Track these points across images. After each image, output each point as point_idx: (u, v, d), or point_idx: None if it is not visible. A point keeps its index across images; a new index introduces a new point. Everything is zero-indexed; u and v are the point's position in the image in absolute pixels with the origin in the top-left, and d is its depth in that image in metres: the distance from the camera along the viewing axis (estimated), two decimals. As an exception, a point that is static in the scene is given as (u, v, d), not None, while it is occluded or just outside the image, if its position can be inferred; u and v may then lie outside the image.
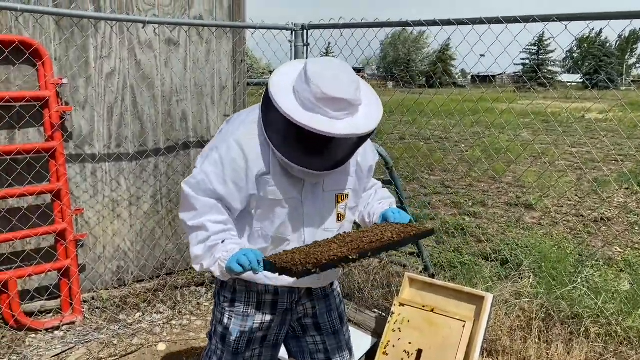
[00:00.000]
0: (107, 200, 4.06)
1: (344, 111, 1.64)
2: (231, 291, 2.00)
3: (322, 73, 1.65)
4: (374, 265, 4.20)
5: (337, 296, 2.18)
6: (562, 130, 10.80)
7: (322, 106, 1.62)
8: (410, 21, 3.43)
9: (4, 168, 3.47)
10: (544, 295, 3.54)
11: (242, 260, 1.62)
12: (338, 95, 1.62)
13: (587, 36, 73.22)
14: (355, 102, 1.65)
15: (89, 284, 4.04)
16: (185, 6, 4.22)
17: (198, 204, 1.78)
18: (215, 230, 1.77)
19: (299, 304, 2.06)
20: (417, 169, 9.17)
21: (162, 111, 4.22)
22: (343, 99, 1.62)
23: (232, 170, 1.77)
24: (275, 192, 1.80)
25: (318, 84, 1.62)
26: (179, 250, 4.46)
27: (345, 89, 1.63)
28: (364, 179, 2.00)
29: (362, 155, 1.94)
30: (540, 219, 6.58)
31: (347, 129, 1.63)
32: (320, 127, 1.61)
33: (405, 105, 4.91)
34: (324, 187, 1.86)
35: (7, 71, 3.48)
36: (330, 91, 1.61)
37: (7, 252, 3.59)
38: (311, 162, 1.72)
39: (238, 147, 1.77)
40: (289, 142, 1.71)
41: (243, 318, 1.99)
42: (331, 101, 1.62)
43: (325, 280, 2.03)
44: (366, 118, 1.68)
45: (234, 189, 1.78)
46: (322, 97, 1.62)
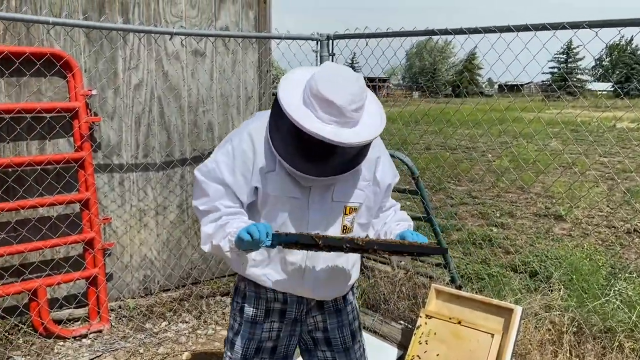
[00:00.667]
0: (135, 209, 4.11)
1: (332, 117, 1.61)
2: (242, 296, 2.01)
3: (328, 74, 1.65)
4: (399, 277, 4.15)
5: (350, 312, 2.13)
6: (592, 140, 10.55)
7: (313, 103, 1.62)
8: (437, 30, 3.40)
9: (34, 178, 3.54)
10: (575, 308, 3.44)
11: (252, 229, 1.62)
12: (330, 97, 1.59)
13: (617, 44, 71.90)
14: (345, 112, 1.61)
15: (116, 293, 4.08)
16: (211, 18, 4.27)
17: (210, 190, 1.82)
18: (227, 211, 1.81)
19: (309, 315, 2.03)
20: (444, 179, 9.07)
21: (188, 121, 4.26)
22: (334, 104, 1.59)
23: (242, 162, 1.80)
24: (276, 188, 1.80)
25: (317, 82, 1.62)
26: (204, 259, 4.48)
27: (341, 96, 1.60)
28: (380, 196, 1.96)
29: (381, 171, 1.92)
30: (571, 230, 6.44)
31: (325, 132, 1.58)
32: (298, 118, 1.59)
33: (431, 115, 4.87)
34: (333, 197, 1.84)
35: (39, 83, 3.56)
36: (324, 91, 1.60)
37: (37, 260, 3.66)
38: (300, 163, 1.71)
39: (249, 139, 1.80)
40: (283, 135, 1.71)
41: (252, 325, 1.99)
42: (323, 102, 1.60)
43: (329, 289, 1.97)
44: (354, 133, 1.63)
45: (241, 180, 1.81)
46: (315, 94, 1.61)
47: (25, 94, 3.54)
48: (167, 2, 4.03)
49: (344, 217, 1.86)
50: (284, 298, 1.97)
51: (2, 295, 3.34)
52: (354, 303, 2.16)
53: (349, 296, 2.12)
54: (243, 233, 1.64)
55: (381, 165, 1.90)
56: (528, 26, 2.88)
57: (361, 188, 1.87)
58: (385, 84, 46.98)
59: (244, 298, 2.01)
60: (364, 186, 1.88)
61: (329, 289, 1.97)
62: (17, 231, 3.55)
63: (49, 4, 3.56)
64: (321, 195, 1.82)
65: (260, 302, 1.98)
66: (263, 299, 1.98)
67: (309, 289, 1.91)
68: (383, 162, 1.92)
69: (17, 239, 3.54)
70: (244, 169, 1.80)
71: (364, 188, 1.88)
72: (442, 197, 8.25)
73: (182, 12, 4.12)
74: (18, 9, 3.44)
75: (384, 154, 1.95)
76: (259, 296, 1.98)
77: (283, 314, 1.99)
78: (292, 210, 1.82)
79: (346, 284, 2.02)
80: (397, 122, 6.35)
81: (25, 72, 3.46)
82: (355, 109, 1.63)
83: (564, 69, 65.69)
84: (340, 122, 1.62)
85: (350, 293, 2.13)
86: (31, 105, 3.40)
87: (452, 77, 67.96)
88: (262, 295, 1.97)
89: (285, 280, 1.90)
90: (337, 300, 2.07)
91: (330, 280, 1.94)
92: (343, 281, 2.00)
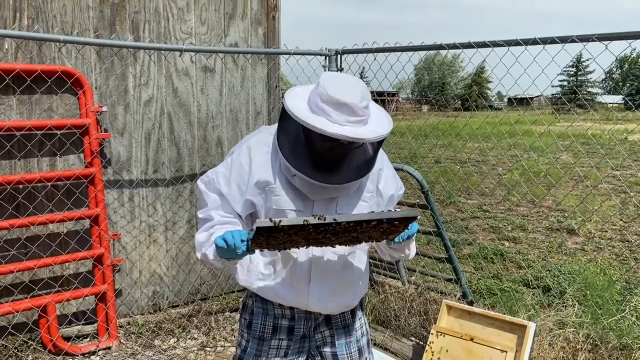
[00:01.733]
0: (144, 225, 4.11)
1: (347, 116, 1.63)
2: (249, 312, 2.01)
3: (333, 79, 1.69)
4: (410, 292, 4.10)
5: (359, 328, 2.10)
6: (604, 153, 10.46)
7: (326, 109, 1.64)
8: (445, 44, 3.40)
9: (44, 194, 3.56)
10: (590, 325, 3.38)
11: (227, 236, 1.63)
12: (342, 99, 1.62)
13: (628, 56, 71.62)
14: (358, 111, 1.64)
15: (125, 309, 4.07)
16: (221, 34, 4.30)
17: (209, 200, 1.87)
18: (220, 220, 1.84)
19: (317, 331, 2.01)
20: (454, 192, 9.02)
21: (198, 137, 4.28)
22: (347, 104, 1.62)
23: (238, 174, 1.83)
24: (279, 202, 1.80)
25: (325, 87, 1.65)
26: (213, 275, 4.47)
27: (351, 96, 1.64)
28: (382, 207, 1.95)
29: (383, 183, 1.93)
30: (584, 244, 6.35)
31: (344, 131, 1.61)
32: (315, 124, 1.61)
33: (440, 128, 4.85)
34: (337, 209, 1.83)
35: (50, 100, 3.59)
36: (335, 94, 1.63)
37: (46, 276, 3.66)
38: (314, 172, 1.72)
39: (247, 152, 1.84)
40: (294, 146, 1.72)
41: (259, 342, 1.97)
42: (335, 105, 1.63)
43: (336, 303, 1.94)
44: (370, 131, 1.67)
45: (236, 192, 1.84)
46: (326, 99, 1.64)
47: (36, 111, 3.57)
48: (177, 20, 4.07)
49: None
50: (291, 314, 1.95)
51: (11, 311, 3.34)
52: (363, 319, 2.13)
53: (358, 312, 2.10)
54: (219, 240, 1.65)
55: (384, 177, 1.92)
56: (537, 40, 2.86)
57: (365, 200, 1.87)
58: (395, 98, 47.06)
59: (252, 314, 1.99)
60: (367, 198, 1.88)
61: (336, 303, 1.94)
62: (27, 247, 3.56)
63: (60, 22, 3.60)
64: (325, 208, 1.82)
65: (268, 318, 1.97)
66: (270, 315, 1.96)
67: (315, 302, 1.89)
68: (386, 174, 1.93)
69: (27, 255, 3.55)
70: (239, 181, 1.83)
71: (367, 200, 1.88)
72: (453, 211, 8.20)
73: (192, 29, 4.15)
74: (30, 27, 3.48)
75: (386, 166, 1.96)
76: (266, 312, 1.97)
77: (291, 330, 1.97)
78: None
79: (353, 298, 2.00)
80: (406, 135, 6.33)
81: (37, 90, 3.49)
82: (365, 106, 1.66)
83: (573, 82, 65.46)
84: (355, 122, 1.64)
85: (359, 309, 2.10)
86: (42, 123, 3.43)
87: (461, 91, 67.95)
88: (269, 312, 1.96)
89: (291, 294, 1.88)
90: (345, 315, 2.05)
91: (336, 293, 1.91)
92: (350, 295, 1.98)
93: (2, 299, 3.53)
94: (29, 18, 3.48)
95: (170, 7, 4.03)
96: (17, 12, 3.44)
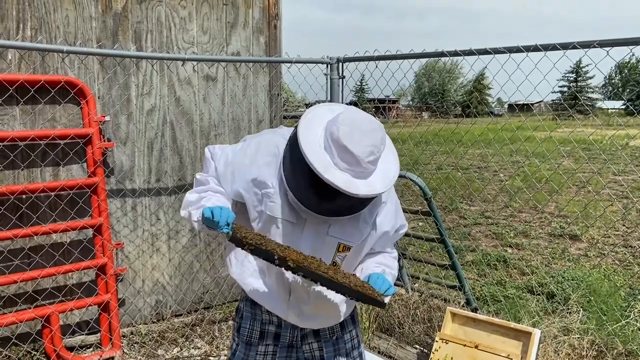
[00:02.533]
0: (147, 234, 4.12)
1: (348, 165, 1.59)
2: (240, 316, 2.03)
3: (351, 121, 1.62)
4: (414, 299, 4.09)
5: (349, 340, 2.06)
6: (606, 158, 10.46)
7: (332, 148, 1.60)
8: (446, 51, 3.41)
9: (48, 204, 3.57)
10: (595, 331, 3.36)
11: (216, 211, 1.65)
12: (349, 147, 1.57)
13: (627, 62, 71.75)
14: (362, 163, 1.59)
15: (128, 318, 4.06)
16: (223, 43, 4.32)
17: (210, 168, 1.94)
18: (214, 188, 1.87)
19: (305, 342, 1.99)
20: (456, 199, 9.02)
21: (200, 145, 4.28)
22: (352, 154, 1.58)
23: (238, 162, 1.86)
24: (273, 209, 1.78)
25: (339, 128, 1.60)
26: (217, 283, 4.46)
27: (361, 146, 1.58)
28: (373, 240, 1.90)
29: (382, 217, 1.87)
30: (587, 250, 6.34)
31: (336, 178, 1.57)
32: (314, 161, 1.58)
33: (441, 135, 4.86)
34: (329, 231, 1.79)
35: (53, 110, 3.61)
36: (344, 139, 1.58)
37: (50, 286, 3.66)
38: (306, 199, 1.68)
39: (255, 147, 1.84)
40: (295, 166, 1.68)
41: (247, 346, 1.99)
42: (341, 149, 1.58)
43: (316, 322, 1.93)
44: (367, 184, 1.62)
45: (229, 176, 1.87)
46: (335, 140, 1.59)
47: (40, 121, 3.58)
48: (179, 29, 4.09)
49: (337, 253, 1.82)
50: (278, 321, 1.96)
51: (15, 322, 3.33)
52: (354, 332, 2.09)
53: (348, 325, 2.06)
54: (207, 210, 1.67)
55: (384, 211, 1.85)
56: (538, 46, 2.87)
57: (360, 229, 1.82)
58: (395, 104, 47.12)
59: (242, 318, 2.02)
60: (362, 227, 1.83)
61: (315, 323, 1.92)
62: (31, 257, 3.57)
63: (63, 33, 3.62)
64: (317, 226, 1.79)
65: (256, 323, 1.98)
66: (258, 320, 1.98)
67: (294, 317, 1.88)
68: (387, 209, 1.87)
69: (31, 265, 3.55)
70: (234, 169, 1.86)
71: (362, 229, 1.83)
72: (455, 218, 8.19)
73: (194, 39, 4.17)
74: (33, 38, 3.50)
75: (390, 200, 1.90)
76: (254, 317, 1.99)
77: (277, 337, 1.97)
78: (285, 234, 1.80)
79: (336, 318, 1.96)
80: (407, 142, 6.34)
81: (40, 100, 3.50)
82: (372, 161, 1.61)
83: (573, 88, 65.54)
84: (356, 172, 1.60)
85: (350, 322, 2.07)
86: (45, 132, 3.44)
87: (462, 97, 68.03)
88: (257, 317, 1.98)
89: (273, 302, 1.89)
90: (334, 327, 2.02)
91: (314, 315, 1.89)
92: (331, 317, 1.95)
93: (5, 309, 3.53)
94: (32, 29, 3.50)
95: (173, 17, 4.05)
96: (20, 23, 3.46)
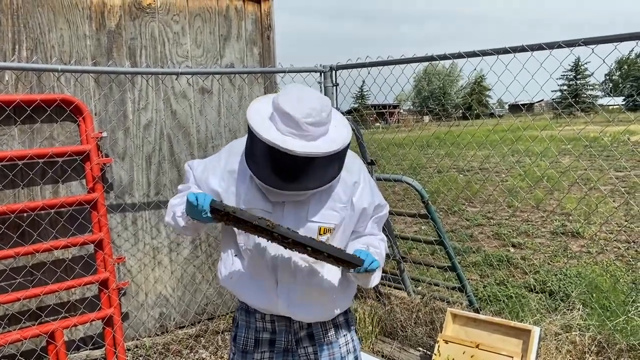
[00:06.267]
0: (148, 247, 4.15)
1: (290, 129, 1.66)
2: (236, 325, 2.06)
3: (291, 91, 1.73)
4: (416, 302, 4.11)
5: (344, 344, 2.07)
6: (607, 154, 10.47)
7: (275, 116, 1.70)
8: (436, 55, 3.44)
9: (48, 221, 3.61)
10: (596, 327, 3.37)
11: (200, 196, 1.72)
12: (288, 110, 1.66)
13: (626, 58, 71.72)
14: (302, 125, 1.66)
15: (132, 332, 4.09)
16: (217, 56, 4.37)
17: (190, 178, 2.02)
18: (194, 189, 1.93)
19: (300, 346, 2.01)
20: (456, 201, 9.02)
21: (198, 157, 4.32)
22: (291, 116, 1.65)
23: (214, 164, 1.94)
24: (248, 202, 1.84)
25: (279, 97, 1.71)
26: (219, 294, 4.49)
27: (298, 109, 1.66)
28: (354, 220, 1.94)
29: (358, 196, 1.92)
30: (589, 246, 6.34)
31: (275, 138, 1.64)
32: (256, 126, 1.68)
33: (446, 138, 4.88)
34: (308, 216, 1.85)
35: (51, 128, 3.65)
36: (284, 105, 1.67)
37: (53, 303, 3.69)
38: (264, 174, 1.74)
39: (228, 149, 1.97)
40: (251, 147, 1.78)
41: (243, 355, 2.01)
42: (282, 114, 1.67)
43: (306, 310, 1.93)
44: (303, 146, 1.66)
45: (205, 178, 1.94)
46: (276, 107, 1.69)
47: (38, 140, 3.63)
48: (173, 44, 4.15)
49: (318, 237, 1.86)
50: (272, 328, 1.98)
51: (20, 339, 3.36)
52: (350, 336, 2.10)
53: (342, 329, 2.07)
54: (191, 195, 1.73)
55: (359, 191, 1.92)
56: (524, 47, 2.91)
57: (336, 210, 1.87)
58: (396, 110, 47.17)
59: (237, 327, 2.05)
60: (339, 208, 1.88)
61: (306, 311, 1.93)
62: (33, 275, 3.60)
63: (58, 52, 3.67)
64: (296, 213, 1.83)
65: (250, 332, 2.01)
66: (252, 328, 2.01)
67: (284, 307, 1.90)
68: (362, 188, 1.93)
69: (33, 283, 3.58)
70: (209, 171, 1.94)
71: (339, 210, 1.88)
72: (457, 220, 8.20)
73: (188, 52, 4.22)
74: (29, 58, 3.56)
75: (364, 180, 1.95)
76: (249, 326, 2.01)
77: (272, 343, 2.00)
78: None
79: (328, 309, 1.97)
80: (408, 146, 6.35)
81: (37, 119, 3.55)
82: (312, 123, 1.67)
83: (574, 86, 65.51)
84: (298, 135, 1.67)
85: (345, 326, 2.08)
86: (44, 151, 3.48)
87: (461, 100, 68.06)
88: (251, 325, 2.01)
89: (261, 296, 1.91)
90: (328, 332, 2.03)
91: (305, 301, 1.91)
92: (324, 304, 1.96)
93: (10, 326, 3.56)
94: (27, 49, 3.56)
95: (166, 32, 4.11)
96: (15, 44, 3.52)
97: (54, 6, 3.65)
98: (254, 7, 4.55)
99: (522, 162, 11.19)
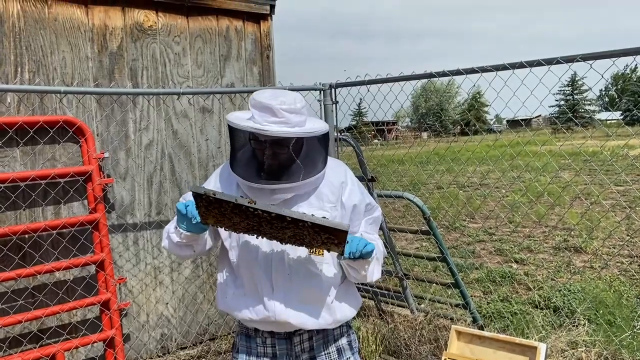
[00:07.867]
0: (149, 267, 4.13)
1: (267, 117, 1.77)
2: (236, 350, 2.07)
3: (265, 90, 1.88)
4: (419, 320, 4.08)
5: None
6: (605, 169, 10.48)
7: (253, 112, 1.80)
8: (434, 72, 3.47)
9: (50, 242, 3.59)
10: (602, 343, 3.35)
11: (189, 204, 1.80)
12: (264, 101, 1.77)
13: (622, 73, 72.17)
14: (277, 112, 1.76)
15: (134, 353, 4.05)
16: (217, 75, 4.40)
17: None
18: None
19: None
20: (457, 217, 9.01)
21: (199, 176, 4.33)
22: (267, 106, 1.76)
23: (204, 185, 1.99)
24: None
25: (256, 94, 1.82)
26: (221, 314, 4.45)
27: (274, 99, 1.78)
28: (346, 219, 1.97)
29: (347, 195, 1.98)
30: (592, 261, 6.31)
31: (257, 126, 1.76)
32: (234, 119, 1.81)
33: (445, 155, 4.89)
34: None
35: (53, 149, 3.66)
36: (260, 98, 1.78)
37: (54, 325, 3.66)
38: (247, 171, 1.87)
39: (216, 174, 2.08)
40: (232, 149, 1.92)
41: None
42: (259, 107, 1.78)
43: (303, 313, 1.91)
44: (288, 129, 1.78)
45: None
46: (253, 104, 1.80)
47: (40, 161, 3.63)
48: (174, 65, 4.18)
49: None
50: (272, 352, 1.98)
51: (20, 362, 3.33)
52: (349, 353, 2.07)
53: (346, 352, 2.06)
54: (180, 205, 1.82)
55: (347, 190, 1.98)
56: (523, 63, 2.93)
57: (326, 209, 1.92)
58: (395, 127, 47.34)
59: (237, 352, 2.05)
60: (329, 207, 1.93)
61: (304, 313, 1.91)
62: (35, 297, 3.58)
63: (60, 74, 3.70)
64: None
65: (251, 357, 2.01)
66: (254, 353, 2.00)
67: (282, 310, 1.88)
68: (350, 187, 2.00)
69: (35, 305, 3.56)
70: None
71: (329, 209, 1.92)
72: (458, 236, 8.18)
73: (189, 73, 4.25)
74: (31, 80, 3.58)
75: (350, 181, 2.02)
76: (249, 351, 2.01)
77: (274, 356, 1.98)
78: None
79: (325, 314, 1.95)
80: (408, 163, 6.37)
81: (40, 140, 3.56)
82: (287, 110, 1.78)
83: (571, 101, 65.84)
84: (275, 122, 1.78)
85: (348, 347, 2.07)
86: (46, 172, 3.49)
87: (460, 116, 68.35)
88: (252, 350, 2.01)
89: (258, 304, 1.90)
90: (331, 355, 2.03)
91: (305, 302, 1.90)
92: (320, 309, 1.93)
93: (11, 349, 3.52)
94: (29, 72, 3.58)
95: (167, 52, 4.14)
96: (18, 67, 3.54)
97: (56, 29, 3.68)
98: (253, 27, 4.60)
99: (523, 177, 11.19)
